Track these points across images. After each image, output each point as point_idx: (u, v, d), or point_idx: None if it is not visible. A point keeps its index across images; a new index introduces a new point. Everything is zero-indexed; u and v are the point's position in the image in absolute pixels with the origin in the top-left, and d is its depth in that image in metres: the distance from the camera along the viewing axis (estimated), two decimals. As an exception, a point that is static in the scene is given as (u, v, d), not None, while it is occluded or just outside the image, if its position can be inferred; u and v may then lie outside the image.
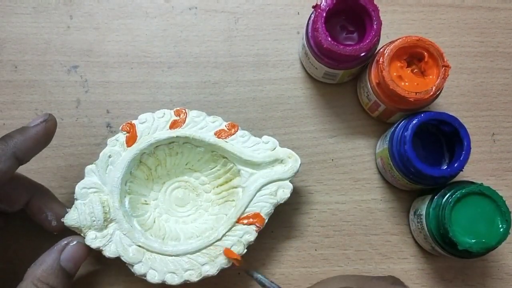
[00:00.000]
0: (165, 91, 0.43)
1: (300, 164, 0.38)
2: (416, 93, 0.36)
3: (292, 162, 0.38)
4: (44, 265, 0.32)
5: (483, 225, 0.34)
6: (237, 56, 0.43)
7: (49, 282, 0.32)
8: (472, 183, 0.36)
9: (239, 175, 0.38)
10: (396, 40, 0.36)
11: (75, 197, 0.36)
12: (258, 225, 0.36)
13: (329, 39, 0.36)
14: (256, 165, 0.37)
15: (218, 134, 0.37)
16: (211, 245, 0.36)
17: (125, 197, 0.37)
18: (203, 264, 0.35)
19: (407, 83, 0.36)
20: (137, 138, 0.37)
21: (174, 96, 0.43)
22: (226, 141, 0.37)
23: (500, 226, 0.34)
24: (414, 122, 0.36)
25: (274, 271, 0.40)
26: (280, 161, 0.38)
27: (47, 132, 0.33)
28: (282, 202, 0.37)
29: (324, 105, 0.43)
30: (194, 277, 0.35)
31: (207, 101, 0.43)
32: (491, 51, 0.44)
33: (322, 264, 0.40)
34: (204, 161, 0.39)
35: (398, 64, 0.37)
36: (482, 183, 0.35)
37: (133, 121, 0.37)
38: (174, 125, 0.37)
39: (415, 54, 0.37)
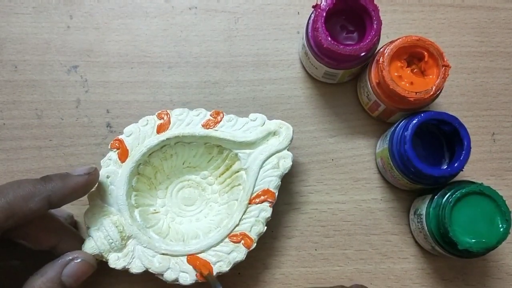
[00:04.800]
0: (165, 90, 0.43)
1: (293, 131, 0.38)
2: (416, 93, 0.36)
3: (284, 131, 0.38)
4: (45, 277, 0.31)
5: (483, 224, 0.34)
6: (237, 56, 0.43)
7: None
8: (472, 182, 0.36)
9: (238, 159, 0.38)
10: (396, 40, 0.36)
11: (86, 226, 0.36)
12: (270, 200, 0.37)
13: (329, 39, 0.36)
14: (251, 144, 0.38)
15: (206, 125, 0.38)
16: (231, 232, 0.36)
17: (134, 211, 0.37)
18: (230, 253, 0.36)
19: (407, 83, 0.36)
20: (129, 152, 0.37)
21: (174, 96, 0.43)
22: (216, 130, 0.37)
23: (500, 225, 0.34)
24: (414, 121, 0.36)
25: (274, 271, 0.40)
26: (273, 133, 0.38)
27: (87, 184, 0.33)
28: (286, 172, 0.37)
29: (324, 105, 0.43)
30: (225, 267, 0.35)
31: (207, 101, 0.43)
32: (491, 51, 0.44)
33: (322, 264, 0.40)
34: (199, 156, 0.39)
35: (398, 64, 0.37)
36: (482, 183, 0.35)
37: (120, 137, 0.37)
38: (161, 128, 0.37)
39: (415, 54, 0.37)
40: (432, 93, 0.36)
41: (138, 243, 0.35)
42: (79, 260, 0.33)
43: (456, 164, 0.35)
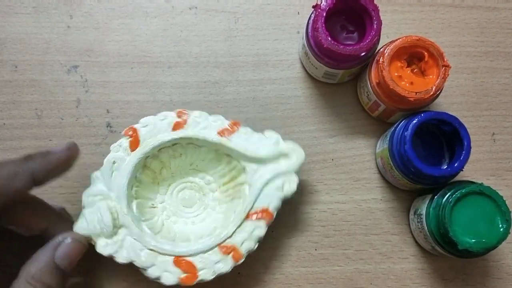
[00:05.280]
0: (165, 90, 0.43)
1: (305, 157, 0.37)
2: (416, 93, 0.36)
3: (296, 155, 0.37)
4: (38, 263, 0.32)
5: (483, 224, 0.34)
6: (237, 56, 0.43)
7: (44, 280, 0.31)
8: (472, 182, 0.36)
9: (244, 172, 0.38)
10: (396, 40, 0.37)
11: (82, 205, 0.36)
12: (267, 220, 0.36)
13: (329, 38, 0.36)
14: (260, 161, 0.37)
15: (221, 132, 0.37)
16: (222, 242, 0.36)
17: (132, 202, 0.37)
18: (216, 262, 0.35)
19: (407, 83, 0.36)
20: (140, 142, 0.37)
21: (174, 96, 0.43)
22: (229, 139, 0.37)
23: (500, 225, 0.34)
24: (414, 121, 0.36)
25: (274, 271, 0.40)
26: (285, 155, 0.37)
27: (68, 159, 0.33)
28: (289, 195, 0.37)
29: (324, 105, 0.43)
30: (209, 275, 0.35)
31: (207, 101, 0.43)
32: (491, 51, 0.44)
33: (322, 263, 0.40)
34: (208, 161, 0.39)
35: (398, 64, 0.37)
36: (482, 183, 0.35)
37: (135, 125, 0.37)
38: (176, 126, 0.37)
39: (415, 54, 0.37)
40: (432, 93, 0.36)
41: (129, 234, 0.35)
42: (69, 240, 0.33)
43: (456, 164, 0.35)
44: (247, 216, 0.36)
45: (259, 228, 0.36)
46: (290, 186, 0.37)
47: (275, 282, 0.40)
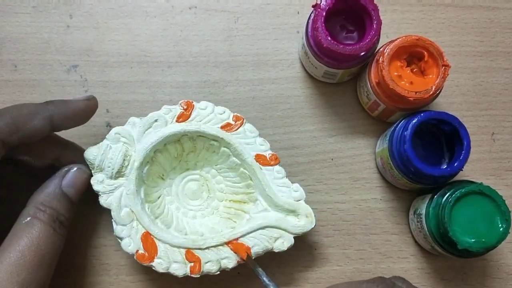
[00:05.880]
0: (165, 90, 0.43)
1: (314, 226, 0.37)
2: (415, 92, 0.36)
3: (306, 221, 0.37)
4: (46, 191, 0.33)
5: (482, 224, 0.34)
6: (237, 56, 0.43)
7: (52, 206, 0.32)
8: (472, 182, 0.36)
9: (254, 204, 0.38)
10: (396, 40, 0.36)
11: (106, 136, 0.36)
12: (242, 258, 0.36)
13: (329, 38, 0.36)
14: (274, 204, 0.37)
15: (257, 158, 0.37)
16: (193, 249, 0.35)
17: (146, 165, 0.37)
18: (175, 262, 0.35)
19: (406, 83, 0.36)
20: (189, 119, 0.37)
21: (174, 96, 0.43)
22: (261, 168, 0.37)
23: (500, 225, 0.34)
24: (414, 121, 0.36)
25: (274, 271, 0.40)
26: (297, 214, 0.37)
27: (86, 108, 0.35)
28: (276, 251, 0.36)
29: (324, 104, 0.43)
30: (179, 272, 0.35)
31: (207, 100, 0.42)
32: (491, 51, 0.44)
33: (322, 263, 0.40)
34: (232, 172, 0.39)
35: (398, 64, 0.37)
36: (481, 183, 0.35)
37: (194, 103, 0.37)
38: (226, 126, 0.37)
39: (415, 54, 0.37)
40: (431, 92, 0.36)
41: (125, 187, 0.35)
42: (74, 168, 0.34)
43: (455, 164, 0.35)
44: (228, 243, 0.36)
45: (230, 260, 0.35)
46: (282, 244, 0.36)
47: (274, 282, 0.40)
